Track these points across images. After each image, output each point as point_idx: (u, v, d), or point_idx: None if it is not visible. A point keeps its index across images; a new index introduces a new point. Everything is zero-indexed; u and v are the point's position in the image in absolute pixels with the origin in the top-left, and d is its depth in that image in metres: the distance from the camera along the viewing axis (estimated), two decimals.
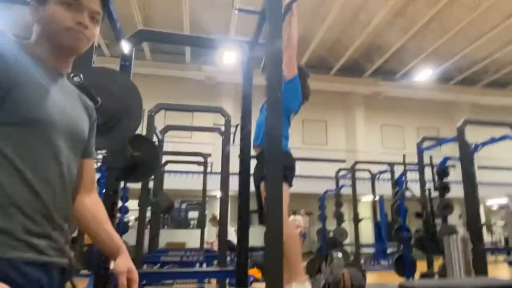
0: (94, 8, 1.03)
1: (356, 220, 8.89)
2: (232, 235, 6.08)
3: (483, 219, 10.74)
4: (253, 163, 2.91)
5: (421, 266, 6.22)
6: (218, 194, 6.63)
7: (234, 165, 3.18)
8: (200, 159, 7.85)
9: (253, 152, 2.82)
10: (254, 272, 6.45)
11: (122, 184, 6.18)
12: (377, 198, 10.34)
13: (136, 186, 5.39)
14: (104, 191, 2.38)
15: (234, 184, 3.18)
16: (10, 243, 0.82)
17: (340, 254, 2.88)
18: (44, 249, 0.89)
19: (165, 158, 7.74)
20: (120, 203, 7.24)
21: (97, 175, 6.97)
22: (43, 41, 1.00)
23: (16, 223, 0.84)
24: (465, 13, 10.81)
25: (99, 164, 7.26)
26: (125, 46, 2.74)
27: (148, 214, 6.15)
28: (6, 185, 0.84)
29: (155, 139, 5.43)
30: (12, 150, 0.86)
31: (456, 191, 6.27)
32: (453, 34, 11.80)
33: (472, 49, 12.53)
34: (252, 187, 2.71)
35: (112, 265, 1.16)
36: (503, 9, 10.80)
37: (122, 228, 7.59)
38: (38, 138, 0.91)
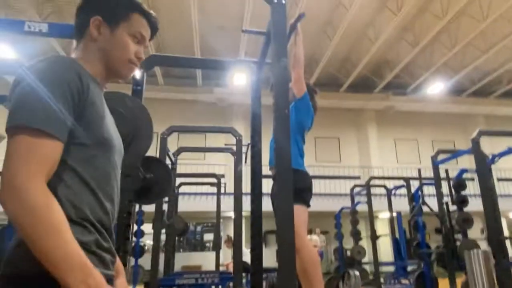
0: (147, 43, 1.10)
1: (374, 237, 8.69)
2: (247, 256, 6.01)
3: (506, 232, 10.38)
4: (267, 182, 2.91)
5: (444, 284, 6.02)
6: (233, 215, 6.60)
7: (248, 185, 3.19)
8: (214, 180, 7.87)
9: (269, 172, 2.84)
10: None
11: (137, 207, 6.21)
12: (394, 214, 10.13)
13: (151, 209, 5.41)
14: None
15: (248, 204, 3.18)
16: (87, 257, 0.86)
17: (357, 273, 2.81)
18: (109, 263, 0.94)
19: (178, 181, 7.78)
20: (135, 227, 7.26)
21: None
22: (97, 61, 1.02)
23: (91, 237, 0.88)
24: (474, 25, 10.79)
25: None
26: (137, 71, 2.82)
27: (164, 237, 6.14)
28: (84, 202, 0.89)
29: (168, 161, 5.48)
30: (84, 169, 0.90)
31: (477, 205, 6.11)
32: (462, 46, 11.76)
33: (483, 60, 12.43)
34: (265, 206, 2.70)
35: None
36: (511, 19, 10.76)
37: (137, 251, 7.58)
38: (103, 158, 0.95)
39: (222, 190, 8.02)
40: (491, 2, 10.04)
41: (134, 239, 7.48)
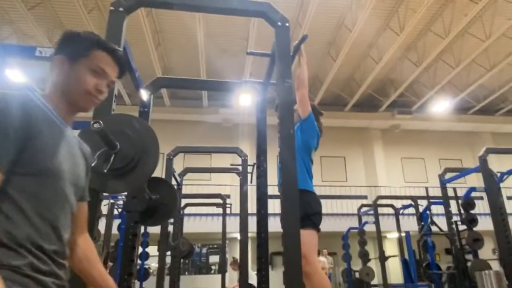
0: (113, 79, 1.17)
1: (383, 258, 8.54)
2: (254, 279, 5.91)
3: None
4: (273, 202, 2.90)
5: None
6: (239, 236, 6.54)
7: (254, 205, 3.17)
8: (219, 200, 7.84)
9: (275, 192, 2.82)
10: None
11: (142, 229, 6.18)
12: (403, 234, 9.98)
13: (157, 231, 5.39)
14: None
15: (254, 224, 3.15)
16: (20, 280, 0.89)
17: None
18: (49, 285, 0.96)
19: (184, 201, 7.76)
20: (140, 249, 7.20)
21: (118, 221, 7.03)
22: (59, 94, 1.10)
23: (24, 261, 0.91)
24: (477, 44, 10.87)
25: (119, 210, 7.33)
26: (144, 93, 2.87)
27: (169, 259, 6.08)
28: (19, 229, 0.92)
29: (174, 182, 5.48)
30: (25, 198, 0.94)
31: (487, 224, 6.00)
32: (466, 65, 11.81)
33: (487, 78, 12.45)
34: (271, 227, 2.68)
35: None
36: None
37: (142, 274, 7.50)
38: (49, 187, 0.99)
39: (228, 211, 7.97)
40: (493, 21, 10.14)
41: (138, 261, 7.41)
